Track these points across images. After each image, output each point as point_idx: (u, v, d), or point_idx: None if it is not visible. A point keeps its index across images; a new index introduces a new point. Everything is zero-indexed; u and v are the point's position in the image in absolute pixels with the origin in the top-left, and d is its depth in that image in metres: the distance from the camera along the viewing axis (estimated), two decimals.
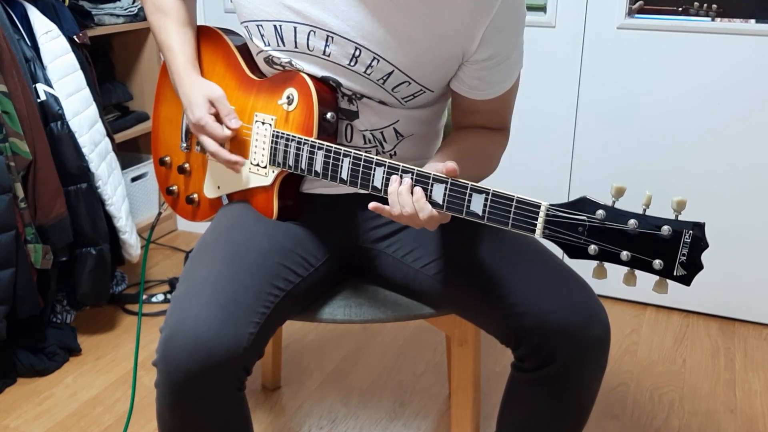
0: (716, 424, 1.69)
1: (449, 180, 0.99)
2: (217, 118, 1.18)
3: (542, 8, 2.07)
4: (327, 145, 1.10)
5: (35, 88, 1.80)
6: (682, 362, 1.95)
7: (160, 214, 1.41)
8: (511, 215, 0.95)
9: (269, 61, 1.19)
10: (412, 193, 1.00)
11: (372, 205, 1.01)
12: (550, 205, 0.92)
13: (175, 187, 1.36)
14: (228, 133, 1.17)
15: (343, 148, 1.08)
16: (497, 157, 1.22)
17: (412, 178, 1.01)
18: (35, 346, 1.86)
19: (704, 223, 0.86)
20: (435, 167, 0.99)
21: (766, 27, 1.88)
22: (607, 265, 0.92)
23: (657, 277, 0.89)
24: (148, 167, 2.59)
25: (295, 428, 1.67)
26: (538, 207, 0.92)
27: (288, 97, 1.15)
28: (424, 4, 1.06)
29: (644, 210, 0.88)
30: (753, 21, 1.90)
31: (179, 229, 2.80)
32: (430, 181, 1.00)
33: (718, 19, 1.94)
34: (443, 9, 1.07)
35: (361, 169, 1.07)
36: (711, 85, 1.97)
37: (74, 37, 1.98)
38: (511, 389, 1.17)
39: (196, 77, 1.22)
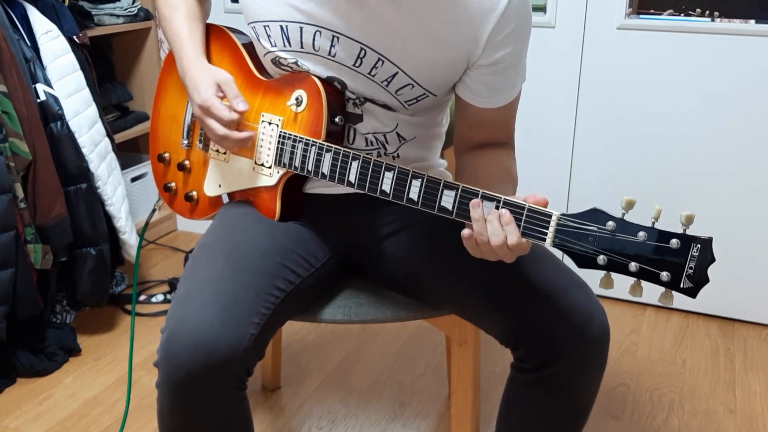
0: (716, 425, 1.69)
1: (460, 186, 0.99)
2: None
3: (542, 8, 2.07)
4: (336, 147, 1.10)
5: (35, 88, 1.80)
6: (682, 362, 1.95)
7: (154, 210, 1.38)
8: (522, 223, 0.95)
9: (276, 62, 1.18)
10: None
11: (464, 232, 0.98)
12: (562, 214, 0.93)
13: (173, 184, 1.35)
14: (234, 116, 1.13)
15: (352, 151, 1.08)
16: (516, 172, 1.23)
17: (422, 183, 1.01)
18: (35, 346, 1.86)
19: (712, 238, 0.87)
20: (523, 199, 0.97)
21: (766, 27, 1.88)
22: (613, 275, 0.93)
23: (663, 289, 0.91)
24: (147, 167, 2.59)
25: (295, 428, 1.67)
26: (550, 216, 0.93)
27: (297, 99, 1.15)
28: (427, 6, 1.06)
29: (653, 223, 0.90)
30: (753, 21, 1.91)
31: (179, 229, 2.79)
32: (440, 188, 1.00)
33: (718, 19, 1.94)
34: (446, 12, 1.07)
35: (370, 172, 1.07)
36: (711, 86, 1.97)
37: (74, 37, 1.98)
38: (511, 390, 1.16)
39: (204, 62, 1.21)
